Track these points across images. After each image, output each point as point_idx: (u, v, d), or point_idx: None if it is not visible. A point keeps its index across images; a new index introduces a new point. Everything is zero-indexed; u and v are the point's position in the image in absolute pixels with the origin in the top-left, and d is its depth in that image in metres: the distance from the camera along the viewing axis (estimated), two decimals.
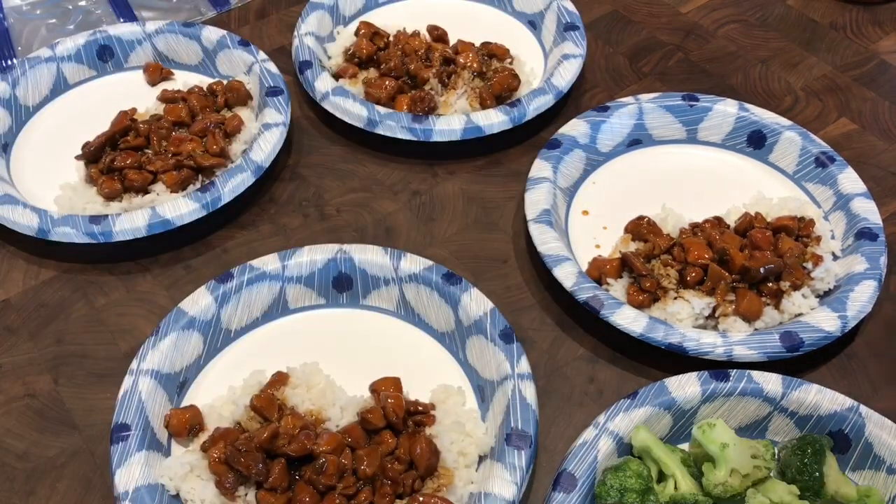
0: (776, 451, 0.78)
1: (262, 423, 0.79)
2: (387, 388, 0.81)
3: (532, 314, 0.94)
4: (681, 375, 0.81)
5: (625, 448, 0.78)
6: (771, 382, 0.80)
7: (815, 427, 0.80)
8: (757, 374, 0.81)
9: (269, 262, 0.91)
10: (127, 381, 0.82)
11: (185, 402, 0.85)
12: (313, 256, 0.92)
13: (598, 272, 0.92)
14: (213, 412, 0.82)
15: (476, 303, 0.87)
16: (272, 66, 1.14)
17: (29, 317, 0.94)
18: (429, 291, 0.90)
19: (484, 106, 1.11)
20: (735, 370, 0.81)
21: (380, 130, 1.06)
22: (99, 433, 0.84)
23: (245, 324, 0.91)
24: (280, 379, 0.83)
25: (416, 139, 1.06)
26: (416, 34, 1.19)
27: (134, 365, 0.83)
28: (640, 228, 0.95)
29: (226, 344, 0.90)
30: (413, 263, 0.91)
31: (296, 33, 1.19)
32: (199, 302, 0.88)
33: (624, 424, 0.77)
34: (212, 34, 1.18)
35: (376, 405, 0.80)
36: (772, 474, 0.76)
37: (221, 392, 0.86)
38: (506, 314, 0.92)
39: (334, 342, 0.91)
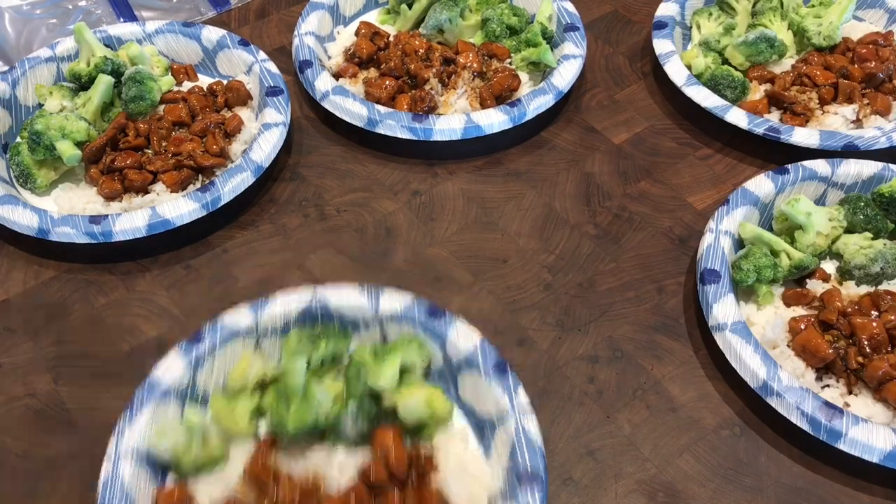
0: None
1: (258, 493, 0.74)
2: (385, 439, 0.75)
3: (532, 314, 0.94)
4: (754, 178, 0.98)
5: (736, 243, 0.94)
6: (820, 166, 0.99)
7: (861, 191, 0.99)
8: (808, 162, 0.99)
9: (241, 318, 0.83)
10: (106, 468, 0.74)
11: (171, 478, 0.78)
12: (287, 307, 0.84)
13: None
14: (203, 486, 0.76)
15: (463, 337, 0.82)
16: (272, 66, 1.14)
17: (29, 317, 0.95)
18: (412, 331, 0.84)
19: (484, 106, 1.11)
20: (791, 164, 0.98)
21: (380, 130, 1.06)
22: (99, 433, 0.84)
23: (223, 384, 0.83)
24: (270, 441, 0.77)
25: (416, 139, 1.06)
26: (416, 34, 1.19)
27: (111, 448, 0.75)
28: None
29: (206, 408, 0.81)
30: (393, 301, 0.84)
31: (296, 33, 1.19)
32: (172, 369, 0.80)
33: (731, 224, 0.95)
34: (212, 34, 1.18)
35: (377, 458, 0.75)
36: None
37: None
38: (506, 314, 0.93)
39: None
